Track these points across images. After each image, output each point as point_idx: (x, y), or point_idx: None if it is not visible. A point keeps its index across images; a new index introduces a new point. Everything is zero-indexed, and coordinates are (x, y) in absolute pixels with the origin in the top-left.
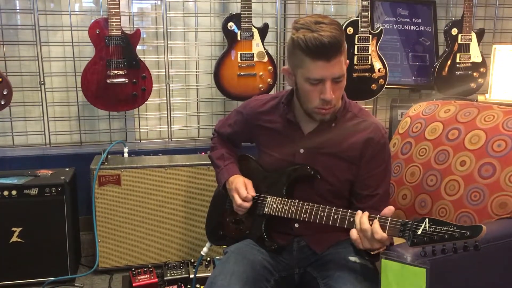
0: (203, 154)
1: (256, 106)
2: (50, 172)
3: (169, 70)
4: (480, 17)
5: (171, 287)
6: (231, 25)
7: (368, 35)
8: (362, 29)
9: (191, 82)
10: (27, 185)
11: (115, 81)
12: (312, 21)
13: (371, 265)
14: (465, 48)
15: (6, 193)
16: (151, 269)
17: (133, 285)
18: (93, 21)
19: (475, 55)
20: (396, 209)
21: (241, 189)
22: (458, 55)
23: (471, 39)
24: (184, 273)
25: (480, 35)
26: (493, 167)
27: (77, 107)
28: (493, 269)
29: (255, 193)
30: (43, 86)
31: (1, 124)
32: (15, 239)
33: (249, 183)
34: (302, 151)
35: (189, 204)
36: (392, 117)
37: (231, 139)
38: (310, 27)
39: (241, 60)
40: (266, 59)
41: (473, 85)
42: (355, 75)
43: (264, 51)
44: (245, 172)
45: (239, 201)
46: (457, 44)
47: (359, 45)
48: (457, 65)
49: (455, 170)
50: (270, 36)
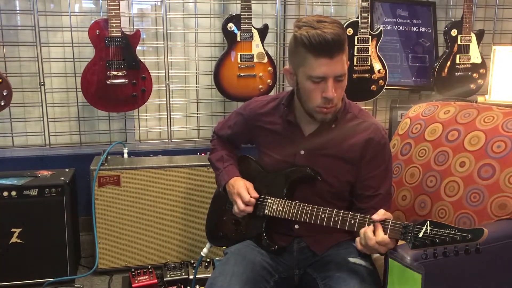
0: (203, 155)
1: (256, 107)
2: (50, 173)
3: (169, 71)
4: (479, 18)
5: None
6: (231, 26)
7: (367, 36)
8: (361, 30)
9: (191, 83)
10: (27, 185)
11: (115, 82)
12: (314, 19)
13: (371, 266)
14: (465, 49)
15: (6, 193)
16: (150, 270)
17: (133, 286)
18: (93, 22)
19: (475, 56)
20: (395, 210)
21: (243, 193)
22: (457, 56)
23: (470, 40)
24: (183, 274)
25: (479, 36)
26: (492, 168)
27: (77, 108)
28: (493, 270)
29: (257, 195)
30: (43, 86)
31: (1, 124)
32: (14, 239)
33: (250, 186)
34: (302, 152)
35: (189, 204)
36: (391, 118)
37: (231, 141)
38: (313, 25)
39: (241, 61)
40: (266, 60)
41: (472, 86)
42: (355, 76)
43: (264, 52)
44: (245, 173)
45: (242, 207)
46: (456, 45)
47: (358, 46)
48: (457, 66)
49: (455, 171)
50: (270, 37)
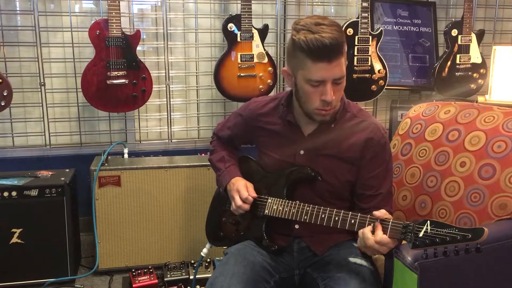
0: (203, 155)
1: (255, 108)
2: (50, 173)
3: (169, 71)
4: (480, 18)
5: None
6: (231, 26)
7: (368, 36)
8: (362, 30)
9: (191, 83)
10: (27, 186)
11: (115, 82)
12: (312, 22)
13: (371, 266)
14: (465, 49)
15: (6, 194)
16: (151, 270)
17: (133, 286)
18: (93, 22)
19: (475, 56)
20: (396, 210)
21: (242, 190)
22: (458, 56)
23: (471, 40)
24: (184, 274)
25: (480, 36)
26: (493, 168)
27: (77, 108)
28: (493, 270)
29: (255, 194)
30: (43, 87)
31: (1, 125)
32: (15, 240)
33: (251, 186)
34: (302, 152)
35: (189, 205)
36: (392, 118)
37: (230, 142)
38: (310, 29)
39: (241, 61)
40: (266, 60)
41: (473, 86)
42: (355, 76)
43: (264, 52)
44: (246, 173)
45: (239, 202)
46: (457, 45)
47: (359, 46)
48: (457, 66)
49: (455, 171)
50: (270, 37)
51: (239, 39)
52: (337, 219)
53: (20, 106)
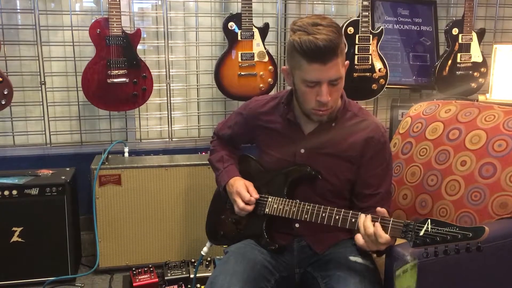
0: (204, 154)
1: (256, 106)
2: (50, 172)
3: (169, 70)
4: (480, 17)
5: (172, 287)
6: (232, 25)
7: (368, 35)
8: (362, 29)
9: (192, 82)
10: (27, 184)
11: (115, 80)
12: (309, 22)
13: (371, 265)
14: (466, 48)
15: (6, 193)
16: (151, 269)
17: (134, 284)
18: (93, 20)
19: (476, 55)
20: (396, 209)
21: (243, 192)
22: (458, 55)
23: (471, 39)
24: (184, 273)
25: (480, 35)
26: (493, 167)
27: (78, 107)
28: (494, 269)
29: (258, 195)
30: (43, 85)
31: (1, 123)
32: (15, 238)
33: (250, 185)
34: (302, 151)
35: (190, 204)
36: (392, 117)
37: (231, 141)
38: (306, 30)
39: (242, 60)
40: (266, 59)
41: (473, 85)
42: (355, 75)
43: (264, 51)
44: (246, 172)
45: (241, 205)
46: (457, 44)
47: (359, 45)
48: (458, 65)
49: (456, 170)
50: (270, 36)
51: (239, 38)
52: (337, 218)
53: (20, 104)
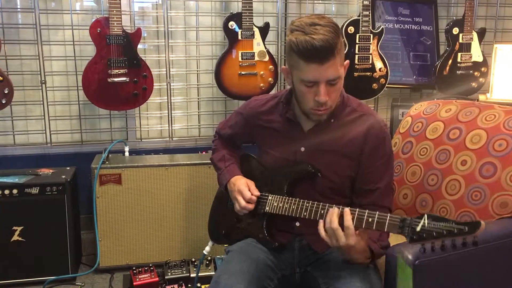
0: (204, 153)
1: (256, 106)
2: (51, 171)
3: (170, 69)
4: (481, 16)
5: (172, 286)
6: (232, 24)
7: (369, 35)
8: (363, 29)
9: (192, 81)
10: (28, 184)
11: (116, 80)
12: (307, 22)
13: (371, 265)
14: (466, 47)
15: (7, 192)
16: (152, 268)
17: (134, 284)
18: (94, 20)
19: (476, 54)
20: (397, 208)
21: (244, 191)
22: (459, 55)
23: (472, 38)
24: (185, 272)
25: (481, 34)
26: (494, 167)
27: (78, 106)
28: (494, 268)
29: (258, 193)
30: (44, 85)
31: (2, 123)
32: (16, 238)
33: (252, 184)
34: (303, 149)
35: (190, 203)
36: (393, 117)
37: (232, 140)
38: (304, 29)
39: (242, 59)
40: (267, 58)
41: (474, 84)
42: (356, 74)
43: (265, 50)
44: (247, 171)
45: (243, 203)
46: (458, 43)
47: (360, 44)
48: (458, 65)
49: (456, 169)
50: (271, 35)
51: (240, 37)
52: None
53: (21, 104)
